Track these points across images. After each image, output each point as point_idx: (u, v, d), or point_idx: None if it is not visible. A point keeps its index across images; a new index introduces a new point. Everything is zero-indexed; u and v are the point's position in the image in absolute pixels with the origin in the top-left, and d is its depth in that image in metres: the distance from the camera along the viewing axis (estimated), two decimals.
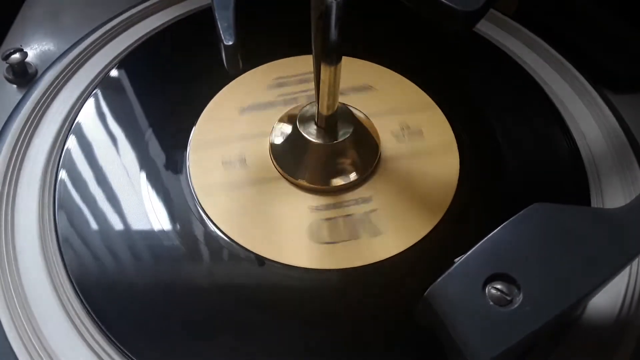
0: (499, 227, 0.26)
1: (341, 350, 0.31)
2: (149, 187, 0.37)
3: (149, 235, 0.35)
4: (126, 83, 0.42)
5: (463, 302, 0.24)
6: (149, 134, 0.39)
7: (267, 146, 0.38)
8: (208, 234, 0.35)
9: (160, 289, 0.33)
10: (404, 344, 0.31)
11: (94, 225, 0.35)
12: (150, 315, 0.32)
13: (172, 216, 0.36)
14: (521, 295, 0.24)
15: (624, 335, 0.32)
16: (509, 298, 0.24)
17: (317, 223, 0.35)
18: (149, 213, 0.36)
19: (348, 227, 0.35)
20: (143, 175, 0.37)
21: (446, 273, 0.25)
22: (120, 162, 0.38)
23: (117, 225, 0.35)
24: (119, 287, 0.33)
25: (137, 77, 0.42)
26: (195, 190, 0.36)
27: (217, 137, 0.39)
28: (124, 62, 0.43)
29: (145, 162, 0.38)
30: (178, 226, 0.35)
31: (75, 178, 0.37)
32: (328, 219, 0.35)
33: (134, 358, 0.30)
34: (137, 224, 0.35)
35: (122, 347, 0.30)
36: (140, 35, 0.45)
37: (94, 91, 0.41)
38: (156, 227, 0.35)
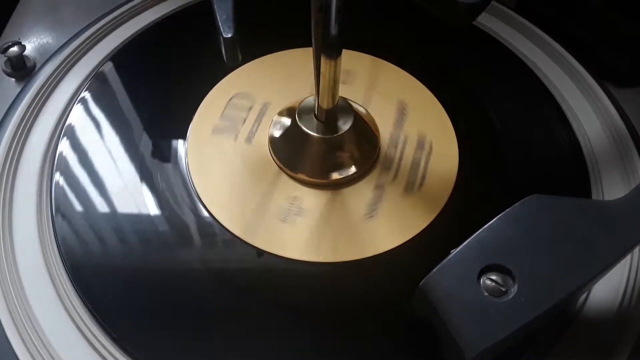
0: (495, 218, 0.26)
1: (337, 343, 0.31)
2: (147, 180, 0.37)
3: (148, 230, 0.35)
4: (124, 75, 0.42)
5: (458, 292, 0.24)
6: (147, 126, 0.39)
7: (267, 139, 0.38)
8: (206, 226, 0.35)
9: (161, 285, 0.33)
10: (400, 336, 0.31)
11: (92, 218, 0.35)
12: (151, 312, 0.32)
13: (171, 209, 0.36)
14: (516, 287, 0.24)
15: (623, 330, 0.31)
16: (503, 289, 0.24)
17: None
18: (147, 207, 0.35)
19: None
20: (140, 167, 0.37)
21: (441, 263, 0.25)
22: (118, 154, 0.38)
23: (116, 218, 0.35)
24: (118, 282, 0.33)
25: (135, 70, 0.42)
26: (194, 183, 0.36)
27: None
28: (121, 54, 0.43)
29: (143, 155, 0.38)
30: (177, 220, 0.35)
31: (72, 171, 0.37)
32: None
33: (134, 353, 0.30)
34: (135, 219, 0.35)
35: (121, 342, 0.30)
36: (138, 27, 0.45)
37: (92, 84, 0.41)
38: (154, 221, 0.35)
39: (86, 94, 0.40)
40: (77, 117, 0.39)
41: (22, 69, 0.42)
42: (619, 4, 0.44)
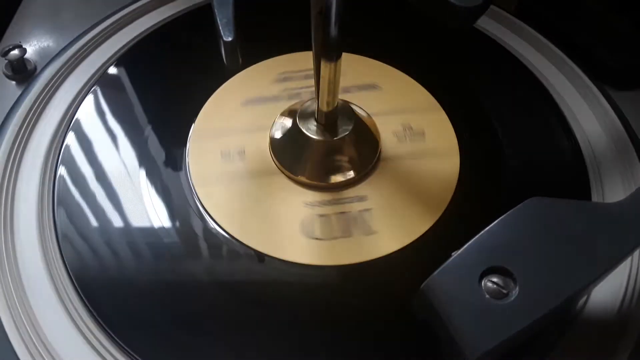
0: (496, 221, 0.26)
1: (336, 347, 0.31)
2: (148, 183, 0.37)
3: (148, 232, 0.35)
4: (126, 79, 0.42)
5: (459, 294, 0.24)
6: (148, 130, 0.39)
7: (267, 141, 0.38)
8: (206, 229, 0.35)
9: (160, 286, 0.33)
10: (401, 338, 0.31)
11: (93, 221, 0.35)
12: (150, 312, 0.32)
13: (171, 212, 0.36)
14: (517, 289, 0.24)
15: (624, 331, 0.31)
16: (505, 291, 0.24)
17: (316, 219, 0.35)
18: (148, 209, 0.36)
19: (346, 223, 0.35)
20: (142, 171, 0.37)
21: (443, 266, 0.25)
22: (120, 158, 0.38)
23: (117, 221, 0.35)
24: (118, 283, 0.33)
25: (137, 73, 0.42)
26: (194, 186, 0.36)
27: (218, 131, 0.39)
28: (124, 58, 0.43)
29: (145, 158, 0.38)
30: (177, 222, 0.35)
31: (74, 174, 0.37)
32: (327, 216, 0.35)
33: (134, 354, 0.30)
34: (136, 220, 0.35)
35: (121, 343, 0.30)
36: (140, 31, 0.45)
37: (93, 87, 0.41)
38: (155, 223, 0.35)
39: (87, 98, 0.40)
40: (79, 120, 0.39)
41: (22, 72, 0.42)
42: (617, 6, 0.44)
